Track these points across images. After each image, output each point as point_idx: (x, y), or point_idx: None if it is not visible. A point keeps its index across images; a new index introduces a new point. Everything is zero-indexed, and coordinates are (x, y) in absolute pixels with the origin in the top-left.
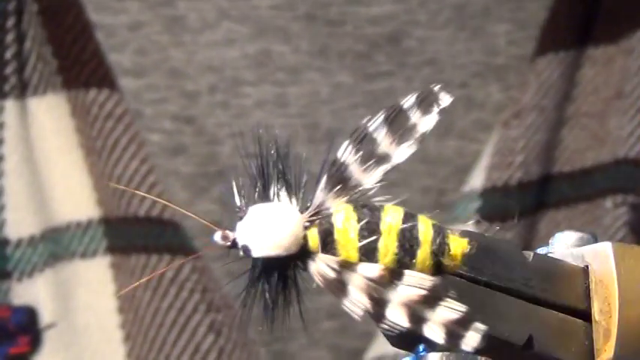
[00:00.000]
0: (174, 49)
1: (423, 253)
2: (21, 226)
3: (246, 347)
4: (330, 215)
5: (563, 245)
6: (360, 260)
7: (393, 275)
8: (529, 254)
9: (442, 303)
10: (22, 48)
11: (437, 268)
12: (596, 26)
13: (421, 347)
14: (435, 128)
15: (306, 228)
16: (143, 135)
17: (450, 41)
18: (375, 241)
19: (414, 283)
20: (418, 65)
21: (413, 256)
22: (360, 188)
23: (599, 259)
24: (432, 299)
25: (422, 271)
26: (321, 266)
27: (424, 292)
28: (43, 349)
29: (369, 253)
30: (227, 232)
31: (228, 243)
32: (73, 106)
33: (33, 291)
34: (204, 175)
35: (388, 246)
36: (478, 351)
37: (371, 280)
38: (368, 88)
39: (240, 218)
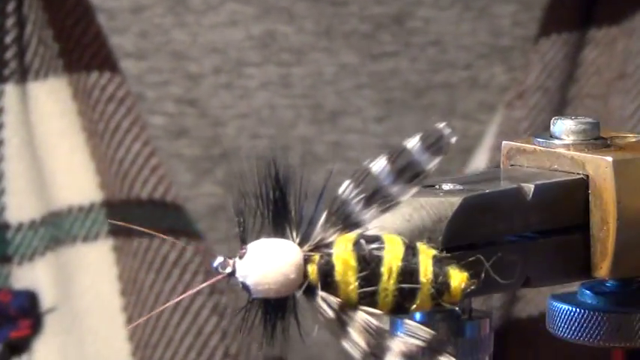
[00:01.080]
0: (177, 31)
1: (423, 296)
2: (21, 210)
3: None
4: (330, 254)
5: (563, 139)
6: (360, 302)
7: (394, 324)
8: (530, 188)
9: (440, 357)
10: (22, 32)
11: (435, 305)
12: (598, 7)
13: None
14: (438, 109)
15: (306, 261)
16: (145, 118)
17: (454, 22)
18: (375, 286)
19: (414, 333)
20: (423, 45)
21: (413, 299)
22: (361, 227)
23: (600, 172)
24: (430, 352)
25: (421, 309)
26: (321, 304)
27: (423, 345)
28: (44, 332)
29: (368, 297)
30: (227, 260)
31: (228, 271)
32: (74, 89)
33: (34, 275)
34: (207, 157)
35: (388, 290)
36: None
37: (370, 327)
38: (373, 68)
39: (240, 256)
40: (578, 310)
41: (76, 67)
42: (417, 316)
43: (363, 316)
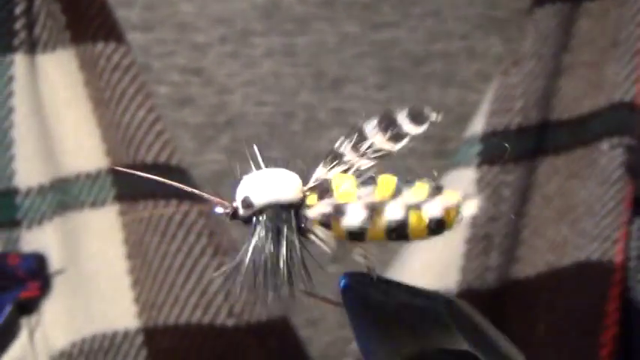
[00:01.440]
0: (184, 3)
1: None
2: (30, 175)
3: (253, 290)
4: (328, 180)
5: None
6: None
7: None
8: None
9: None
10: (32, 5)
11: (436, 225)
12: None
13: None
14: (437, 78)
15: (306, 195)
16: (151, 87)
17: None
18: (371, 192)
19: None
20: (422, 16)
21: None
22: (357, 165)
23: None
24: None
25: (419, 227)
26: (319, 208)
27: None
28: (53, 293)
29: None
30: (226, 202)
31: (228, 210)
32: (81, 60)
33: (42, 238)
34: (212, 124)
35: (384, 195)
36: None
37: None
38: (374, 37)
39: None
40: None
41: (82, 38)
42: None
43: (362, 194)
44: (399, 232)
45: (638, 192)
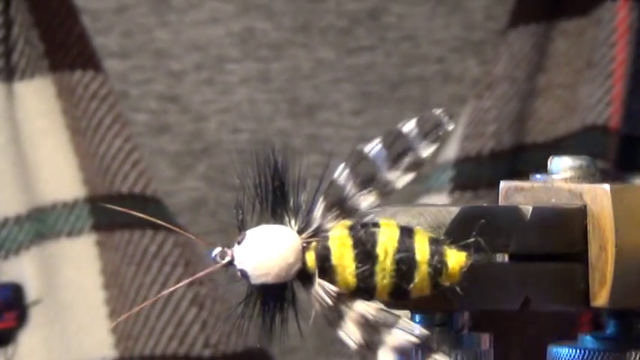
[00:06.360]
0: (160, 29)
1: (421, 275)
2: (7, 205)
3: (229, 320)
4: (327, 238)
5: (561, 175)
6: (358, 286)
7: (389, 318)
8: (528, 210)
9: (433, 354)
10: (9, 33)
11: (435, 285)
12: None
13: None
14: (412, 102)
15: (304, 248)
16: (128, 115)
17: (428, 17)
18: (372, 268)
19: (408, 329)
20: (397, 40)
21: (411, 279)
22: (358, 211)
23: (597, 201)
24: (424, 350)
25: (420, 290)
26: (319, 292)
27: (417, 342)
28: (29, 324)
29: (366, 279)
30: (225, 249)
31: (227, 260)
32: (58, 88)
33: (19, 268)
34: (189, 152)
35: (385, 271)
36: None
37: (367, 319)
38: (349, 62)
39: (239, 242)
40: (578, 351)
41: (60, 66)
42: (416, 318)
43: (360, 307)
44: (403, 286)
45: None
